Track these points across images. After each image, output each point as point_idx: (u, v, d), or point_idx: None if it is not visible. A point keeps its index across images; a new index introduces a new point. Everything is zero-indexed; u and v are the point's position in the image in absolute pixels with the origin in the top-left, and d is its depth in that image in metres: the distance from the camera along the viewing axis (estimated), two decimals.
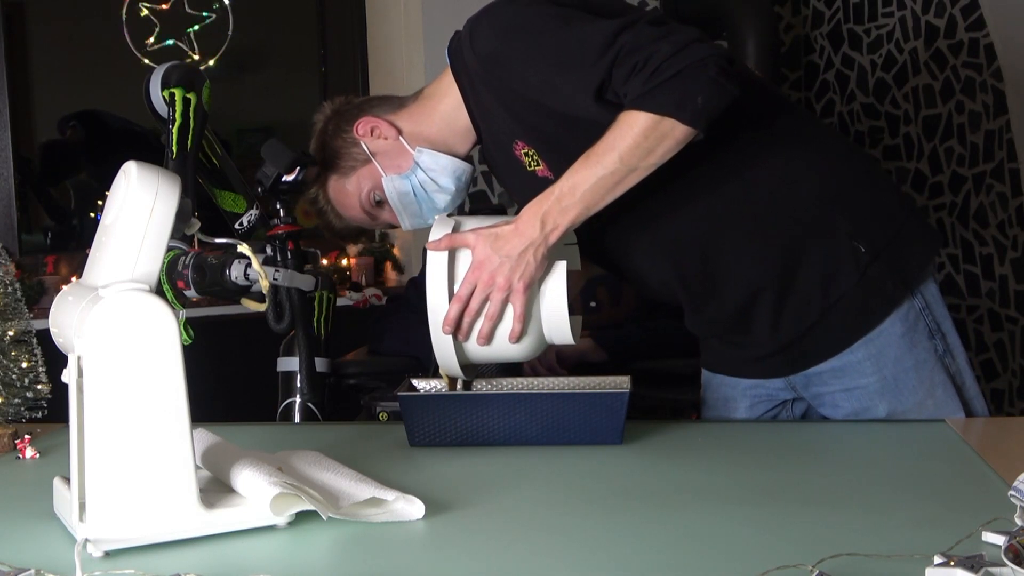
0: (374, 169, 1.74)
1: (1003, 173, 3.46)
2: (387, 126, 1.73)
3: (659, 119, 1.46)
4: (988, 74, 3.48)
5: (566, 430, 1.53)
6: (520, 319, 1.54)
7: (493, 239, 1.53)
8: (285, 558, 1.11)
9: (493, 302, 1.53)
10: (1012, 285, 3.48)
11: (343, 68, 4.17)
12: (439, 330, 1.54)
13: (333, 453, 1.37)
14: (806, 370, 1.73)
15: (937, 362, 1.70)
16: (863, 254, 1.64)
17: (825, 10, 4.29)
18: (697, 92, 1.45)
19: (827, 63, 4.31)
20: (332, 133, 1.77)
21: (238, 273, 1.73)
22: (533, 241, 1.52)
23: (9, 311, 1.56)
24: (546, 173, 1.65)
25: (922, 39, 3.76)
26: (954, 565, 0.97)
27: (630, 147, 1.48)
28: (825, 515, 1.21)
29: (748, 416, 1.82)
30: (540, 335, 1.57)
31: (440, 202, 1.74)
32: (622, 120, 1.48)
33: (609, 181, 1.50)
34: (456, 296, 1.54)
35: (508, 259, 1.52)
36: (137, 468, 1.12)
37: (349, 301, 3.74)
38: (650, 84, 1.45)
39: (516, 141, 1.66)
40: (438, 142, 1.73)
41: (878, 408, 1.69)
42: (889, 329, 1.67)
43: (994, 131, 3.48)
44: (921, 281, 1.69)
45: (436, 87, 1.74)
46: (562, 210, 1.52)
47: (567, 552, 1.13)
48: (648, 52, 1.46)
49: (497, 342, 1.56)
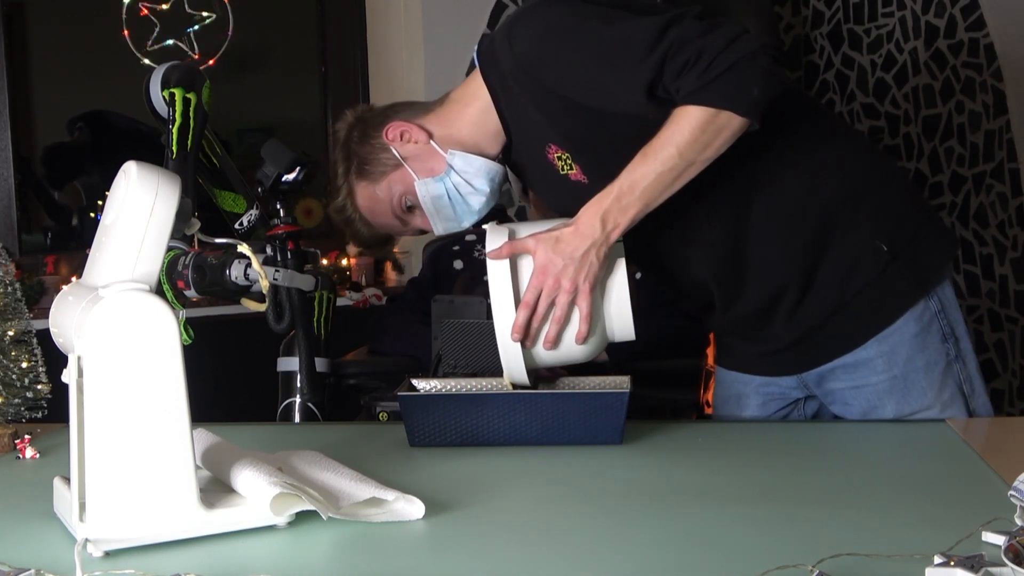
0: (406, 173, 1.71)
1: (1003, 173, 3.46)
2: (418, 130, 1.71)
3: (716, 112, 1.47)
4: (988, 74, 3.48)
5: (566, 430, 1.53)
6: (587, 320, 1.54)
7: (554, 242, 1.53)
8: (285, 558, 1.11)
9: (559, 305, 1.53)
10: (1012, 285, 3.48)
11: (343, 68, 4.16)
12: (507, 338, 1.53)
13: (333, 453, 1.37)
14: (819, 367, 1.73)
15: (948, 366, 1.70)
16: (884, 252, 1.65)
17: (825, 10, 4.29)
18: (752, 84, 1.47)
19: (827, 63, 4.31)
20: (358, 140, 1.74)
21: (238, 273, 1.73)
22: (595, 241, 1.52)
23: (9, 311, 1.56)
24: (579, 177, 1.65)
25: (922, 39, 3.76)
26: (954, 565, 0.97)
27: (688, 141, 1.48)
28: (825, 515, 1.21)
29: (759, 414, 1.82)
30: (603, 333, 1.58)
31: (475, 204, 1.72)
32: (678, 115, 1.49)
33: (668, 177, 1.51)
34: (523, 302, 1.53)
35: (572, 261, 1.52)
36: (137, 468, 1.12)
37: (349, 301, 3.74)
38: (705, 78, 1.46)
39: (549, 145, 1.65)
40: (469, 144, 1.71)
41: (886, 407, 1.70)
42: (903, 328, 1.68)
43: (994, 131, 3.48)
44: (938, 283, 1.70)
45: (464, 90, 1.72)
46: (622, 208, 1.52)
47: (567, 552, 1.13)
48: (699, 46, 1.47)
49: (563, 345, 1.56)
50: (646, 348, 2.64)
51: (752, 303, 1.71)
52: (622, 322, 1.57)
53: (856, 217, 1.66)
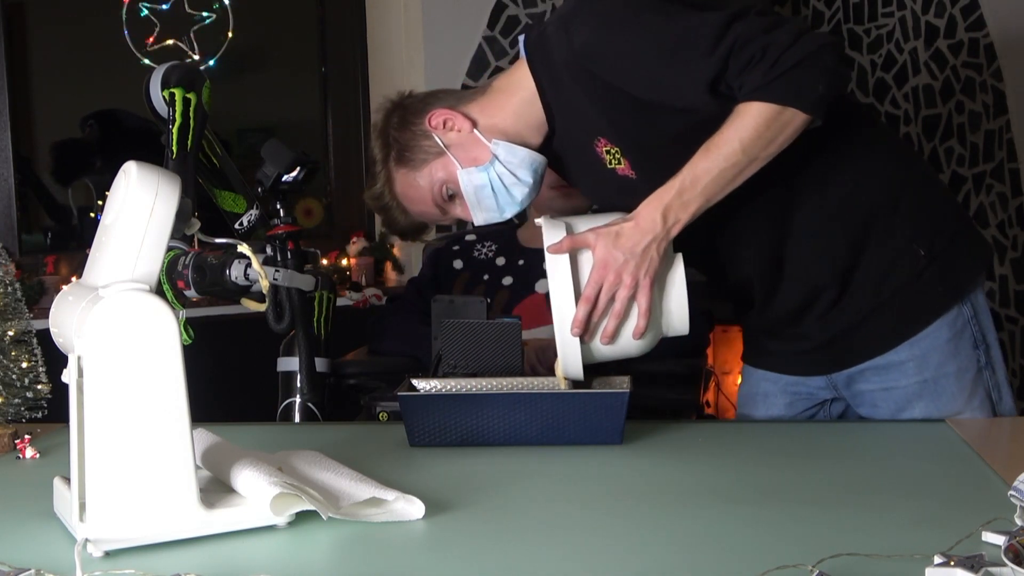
0: (448, 162, 1.68)
1: (1003, 173, 3.46)
2: (462, 118, 1.68)
3: (781, 109, 1.47)
4: (988, 74, 3.48)
5: (566, 430, 1.53)
6: (646, 315, 1.54)
7: (614, 237, 1.52)
8: (285, 558, 1.11)
9: (619, 300, 1.53)
10: (1012, 285, 3.48)
11: (343, 68, 4.16)
12: (566, 333, 1.53)
13: (333, 453, 1.37)
14: (850, 368, 1.73)
15: (978, 372, 1.71)
16: (922, 257, 1.66)
17: (825, 10, 4.29)
18: (817, 81, 1.47)
19: None
20: (398, 126, 1.71)
21: (238, 273, 1.73)
22: (656, 236, 1.52)
23: (9, 311, 1.56)
24: (627, 172, 1.64)
25: (922, 39, 3.75)
26: (954, 565, 0.97)
27: (752, 137, 1.48)
28: (825, 515, 1.21)
29: (785, 413, 1.82)
30: (659, 328, 1.58)
31: (518, 195, 1.69)
32: (743, 111, 1.49)
33: (730, 173, 1.51)
34: (583, 297, 1.52)
35: (632, 256, 1.51)
36: (137, 468, 1.12)
37: (349, 301, 3.74)
38: (771, 74, 1.46)
39: (599, 138, 1.64)
40: (512, 134, 1.68)
41: (914, 411, 1.70)
42: (936, 333, 1.68)
43: (994, 131, 3.48)
44: (972, 290, 1.70)
45: (508, 80, 1.70)
46: (683, 204, 1.51)
47: (567, 552, 1.13)
48: (765, 43, 1.46)
49: (620, 339, 1.55)
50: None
51: (789, 302, 1.71)
52: (680, 316, 1.57)
53: (895, 221, 1.66)
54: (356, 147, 4.13)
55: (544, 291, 2.47)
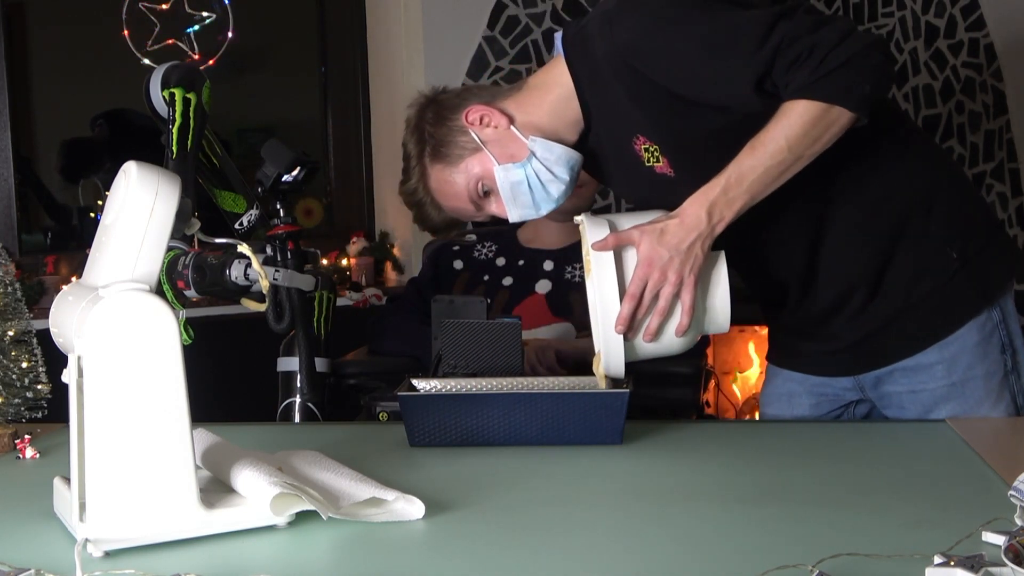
0: (485, 158, 1.66)
1: (1003, 173, 3.46)
2: (499, 114, 1.66)
3: (828, 107, 1.47)
4: (988, 74, 3.48)
5: (566, 430, 1.53)
6: (689, 312, 1.53)
7: (659, 234, 1.52)
8: (285, 558, 1.11)
9: (664, 297, 1.53)
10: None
11: (343, 68, 4.16)
12: (610, 330, 1.52)
13: (333, 453, 1.37)
14: (879, 369, 1.73)
15: (1004, 377, 1.70)
16: (954, 260, 1.65)
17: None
18: (865, 80, 1.47)
19: None
20: (434, 121, 1.69)
21: (238, 273, 1.73)
22: (701, 233, 1.51)
23: (9, 311, 1.56)
24: (665, 170, 1.63)
25: (922, 39, 3.76)
26: (954, 565, 0.97)
27: (799, 135, 1.48)
28: (825, 515, 1.21)
29: (811, 414, 1.82)
30: (700, 326, 1.57)
31: (555, 192, 1.68)
32: (789, 109, 1.48)
33: (776, 171, 1.50)
34: (628, 294, 1.52)
35: (677, 253, 1.51)
36: (137, 468, 1.12)
37: (349, 301, 3.74)
38: (818, 73, 1.45)
39: (637, 136, 1.63)
40: (548, 131, 1.67)
41: (941, 413, 1.69)
42: (965, 336, 1.68)
43: (994, 131, 3.48)
44: (1002, 295, 1.70)
45: (545, 76, 1.69)
46: (728, 201, 1.51)
47: (567, 552, 1.13)
48: (812, 41, 1.46)
49: (663, 336, 1.55)
50: None
51: (822, 302, 1.70)
52: (723, 314, 1.57)
53: (928, 224, 1.66)
54: (356, 147, 4.13)
55: (543, 292, 2.47)
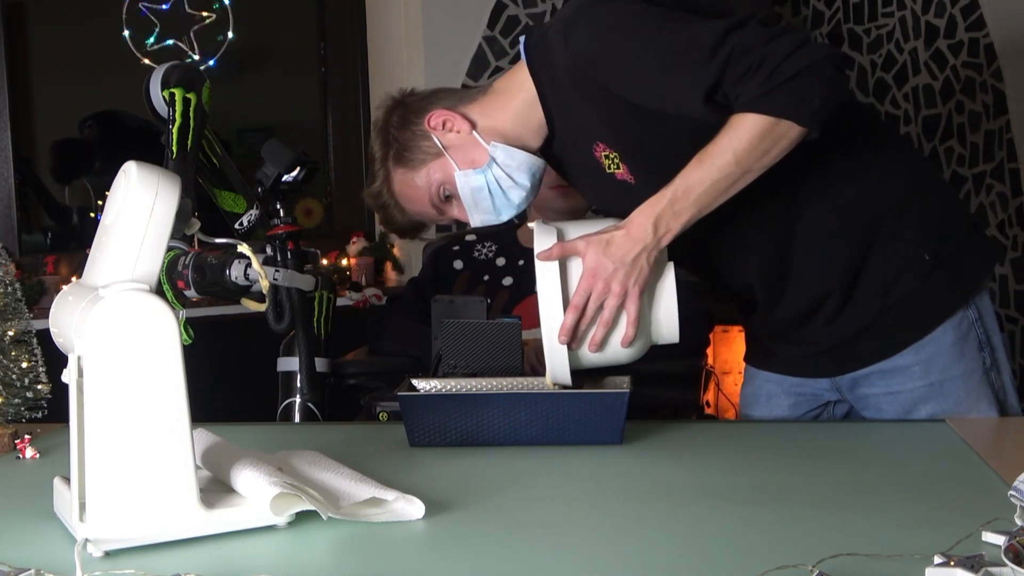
0: (446, 163, 1.68)
1: (1003, 173, 3.46)
2: (461, 119, 1.67)
3: (777, 121, 1.45)
4: (988, 74, 3.48)
5: (566, 430, 1.53)
6: (635, 324, 1.53)
7: (605, 245, 1.52)
8: (285, 558, 1.11)
9: (608, 308, 1.52)
10: (1012, 285, 3.48)
11: (343, 68, 4.16)
12: (553, 340, 1.53)
13: (333, 453, 1.37)
14: (855, 372, 1.73)
15: (984, 375, 1.70)
16: (926, 262, 1.65)
17: (825, 10, 4.29)
18: (815, 94, 1.45)
19: None
20: (398, 125, 1.70)
21: (238, 273, 1.73)
22: (647, 245, 1.51)
23: (9, 311, 1.56)
24: (625, 176, 1.64)
25: (922, 39, 3.75)
26: (954, 565, 0.97)
27: (746, 149, 1.47)
28: (825, 515, 1.21)
29: (789, 414, 1.82)
30: (648, 336, 1.58)
31: (515, 198, 1.69)
32: (737, 122, 1.47)
33: (723, 184, 1.49)
34: (572, 305, 1.52)
35: (622, 265, 1.51)
36: (137, 468, 1.12)
37: (349, 301, 3.74)
38: (768, 86, 1.44)
39: (597, 143, 1.64)
40: (511, 137, 1.68)
41: (920, 414, 1.70)
42: (941, 336, 1.68)
43: (994, 131, 3.48)
44: (977, 293, 1.70)
45: (509, 81, 1.69)
46: (675, 213, 1.50)
47: (567, 552, 1.13)
48: (763, 53, 1.45)
49: (608, 347, 1.56)
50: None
51: (794, 307, 1.70)
52: (669, 326, 1.57)
53: (901, 226, 1.66)
54: (356, 147, 4.13)
55: None
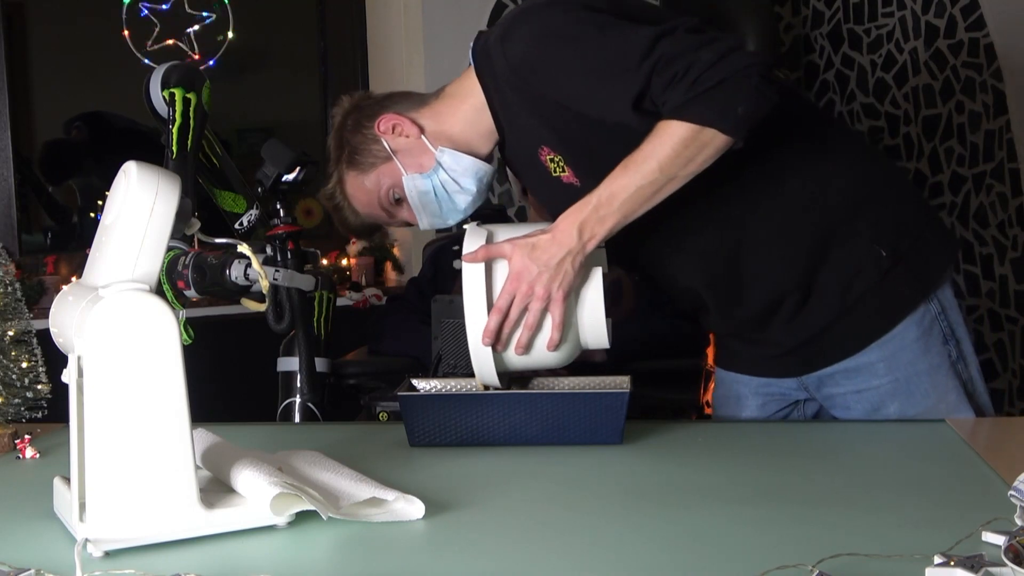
0: (394, 167, 1.71)
1: (1003, 173, 3.46)
2: (409, 124, 1.70)
3: (700, 129, 1.46)
4: (988, 74, 3.48)
5: (566, 430, 1.53)
6: (559, 328, 1.53)
7: (530, 249, 1.52)
8: (285, 558, 1.11)
9: (532, 312, 1.53)
10: (1012, 285, 3.48)
11: (343, 68, 4.17)
12: (478, 341, 1.54)
13: (333, 453, 1.37)
14: (820, 370, 1.73)
15: (950, 368, 1.70)
16: (884, 258, 1.65)
17: (825, 10, 4.29)
18: (739, 102, 1.45)
19: (827, 63, 4.31)
20: (352, 128, 1.74)
21: (238, 273, 1.73)
22: (571, 250, 1.51)
23: (9, 311, 1.56)
24: (571, 180, 1.64)
25: (922, 39, 3.76)
26: (954, 565, 0.96)
27: (670, 156, 1.47)
28: (825, 515, 1.21)
29: (759, 415, 1.82)
30: (576, 341, 1.58)
31: (461, 203, 1.72)
32: (662, 129, 1.47)
33: (648, 190, 1.50)
34: (495, 307, 1.53)
35: (546, 268, 1.51)
36: (137, 468, 1.12)
37: (349, 301, 3.74)
38: (691, 93, 1.44)
39: (542, 147, 1.65)
40: (460, 142, 1.70)
41: (889, 410, 1.70)
42: (904, 332, 1.68)
43: (994, 131, 3.48)
44: (938, 286, 1.70)
45: (459, 86, 1.72)
46: (600, 219, 1.51)
47: (567, 552, 1.13)
48: (688, 61, 1.45)
49: (534, 350, 1.56)
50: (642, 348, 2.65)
51: (751, 309, 1.71)
52: (596, 331, 1.57)
53: (856, 223, 1.65)
54: None
55: None
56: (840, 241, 1.65)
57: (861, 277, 1.65)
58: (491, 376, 1.57)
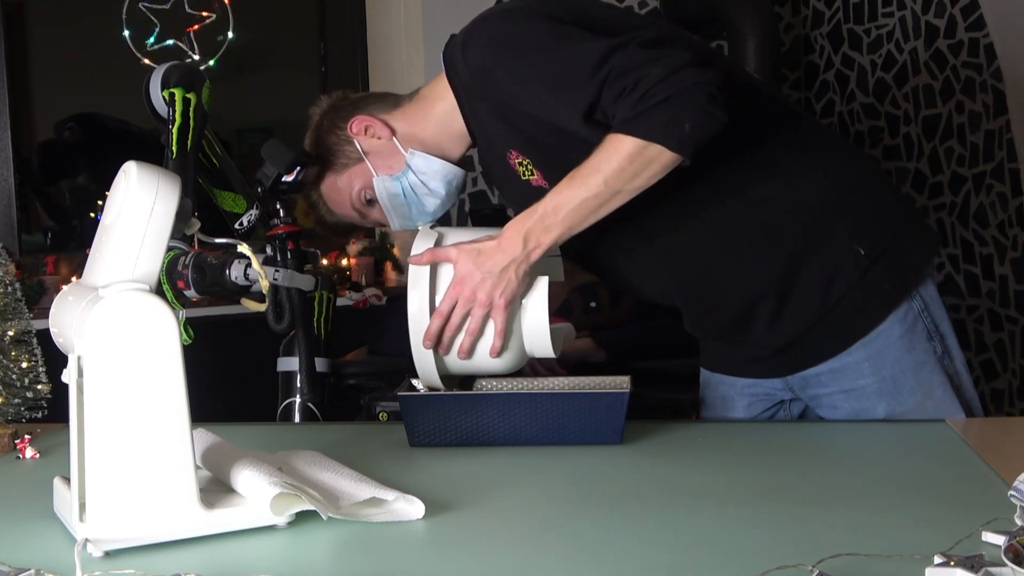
0: (366, 168, 1.73)
1: (1003, 173, 3.47)
2: (381, 126, 1.72)
3: (646, 144, 1.45)
4: (988, 74, 3.48)
5: (566, 430, 1.53)
6: (501, 335, 1.54)
7: (475, 255, 1.53)
8: (285, 558, 1.11)
9: (474, 317, 1.54)
10: (1012, 285, 3.48)
11: (343, 68, 4.17)
12: (419, 343, 1.56)
13: (333, 453, 1.37)
14: (804, 371, 1.73)
15: (936, 363, 1.70)
16: (863, 256, 1.64)
17: (825, 10, 4.29)
18: (685, 119, 1.44)
19: (827, 63, 4.31)
20: (327, 129, 1.76)
21: (238, 273, 1.73)
22: (515, 258, 1.52)
23: (9, 311, 1.56)
24: (541, 183, 1.65)
25: (922, 39, 3.76)
26: (954, 565, 0.97)
27: (615, 171, 1.47)
28: (825, 515, 1.21)
29: (746, 415, 1.82)
30: (521, 349, 1.59)
31: (430, 206, 1.73)
32: (608, 143, 1.48)
33: (592, 203, 1.50)
34: (437, 311, 1.54)
35: (490, 275, 1.52)
36: (137, 468, 1.12)
37: (349, 301, 3.74)
38: (638, 108, 1.44)
39: (510, 151, 1.66)
40: (432, 145, 1.72)
41: (876, 409, 1.69)
42: (888, 331, 1.67)
43: (994, 131, 3.48)
44: (920, 283, 1.69)
45: (432, 89, 1.73)
46: (545, 229, 1.52)
47: (567, 552, 1.13)
48: (638, 75, 1.45)
49: (477, 356, 1.57)
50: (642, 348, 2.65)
51: (727, 313, 1.70)
52: (539, 340, 1.58)
53: (833, 223, 1.65)
54: None
55: None
56: (817, 241, 1.64)
57: (841, 277, 1.65)
58: (433, 378, 1.58)
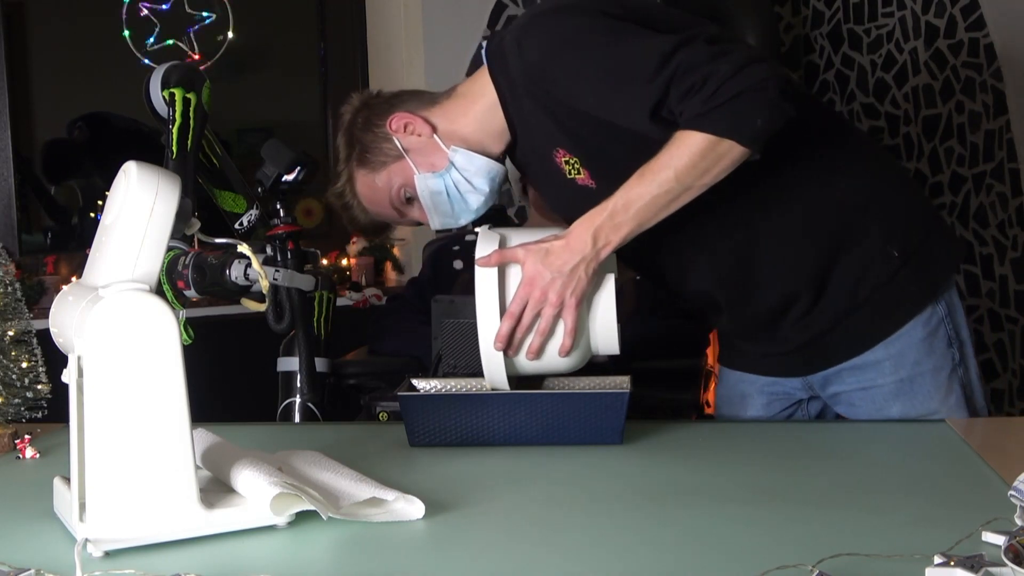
0: (406, 166, 1.70)
1: (1003, 173, 3.46)
2: (422, 123, 1.69)
3: (717, 140, 1.46)
4: (988, 74, 3.48)
5: (566, 430, 1.53)
6: (572, 334, 1.53)
7: (544, 254, 1.52)
8: (285, 558, 1.11)
9: (544, 317, 1.53)
10: (1012, 285, 3.48)
11: (343, 68, 4.16)
12: (490, 346, 1.54)
13: (333, 453, 1.37)
14: (826, 369, 1.73)
15: (953, 370, 1.71)
16: (895, 258, 1.65)
17: (825, 10, 4.29)
18: (756, 114, 1.45)
19: (827, 63, 4.31)
20: (362, 127, 1.72)
21: (238, 273, 1.73)
22: (585, 256, 1.51)
23: (9, 311, 1.56)
24: (587, 182, 1.64)
25: (922, 39, 3.75)
26: (954, 565, 0.97)
27: (687, 166, 1.47)
28: (825, 515, 1.21)
29: (763, 413, 1.82)
30: (587, 347, 1.58)
31: (473, 203, 1.71)
32: (679, 139, 1.47)
33: (663, 199, 1.50)
34: (508, 312, 1.53)
35: (560, 275, 1.51)
36: (137, 468, 1.12)
37: (349, 301, 3.74)
38: (709, 105, 1.44)
39: (557, 149, 1.65)
40: (472, 142, 1.69)
41: (891, 410, 1.70)
42: (911, 332, 1.68)
43: (994, 131, 3.48)
44: (946, 289, 1.70)
45: (472, 86, 1.71)
46: (615, 226, 1.51)
47: (567, 552, 1.13)
48: (706, 72, 1.45)
49: (546, 356, 1.56)
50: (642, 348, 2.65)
51: (762, 308, 1.71)
52: (607, 338, 1.57)
53: (868, 224, 1.66)
54: None
55: None
56: (851, 241, 1.66)
57: (871, 276, 1.66)
58: (501, 380, 1.57)
